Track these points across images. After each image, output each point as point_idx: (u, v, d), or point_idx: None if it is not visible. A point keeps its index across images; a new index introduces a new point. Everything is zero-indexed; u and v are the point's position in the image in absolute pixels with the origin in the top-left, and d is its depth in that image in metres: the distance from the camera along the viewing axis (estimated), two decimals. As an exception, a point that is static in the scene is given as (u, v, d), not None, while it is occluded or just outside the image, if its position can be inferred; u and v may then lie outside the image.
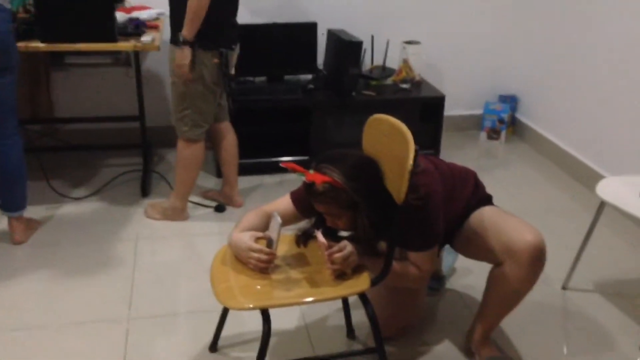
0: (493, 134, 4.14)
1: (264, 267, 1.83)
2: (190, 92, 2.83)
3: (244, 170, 3.42)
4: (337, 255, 1.77)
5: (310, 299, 1.75)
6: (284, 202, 1.99)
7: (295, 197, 1.99)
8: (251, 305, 1.69)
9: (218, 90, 2.89)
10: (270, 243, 1.84)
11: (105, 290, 2.53)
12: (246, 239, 1.85)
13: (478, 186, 2.11)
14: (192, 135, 2.92)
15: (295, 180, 1.95)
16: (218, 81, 2.84)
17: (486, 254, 2.00)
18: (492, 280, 2.03)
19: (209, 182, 3.51)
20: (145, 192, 3.32)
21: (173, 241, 2.93)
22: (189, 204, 3.14)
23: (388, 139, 1.79)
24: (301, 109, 3.57)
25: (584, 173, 3.53)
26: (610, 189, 2.41)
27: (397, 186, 1.72)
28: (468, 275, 2.64)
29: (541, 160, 3.88)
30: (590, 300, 2.53)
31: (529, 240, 1.85)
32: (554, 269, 2.67)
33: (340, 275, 1.82)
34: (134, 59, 3.34)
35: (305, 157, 3.53)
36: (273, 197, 2.23)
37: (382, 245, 1.89)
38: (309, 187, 1.77)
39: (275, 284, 1.79)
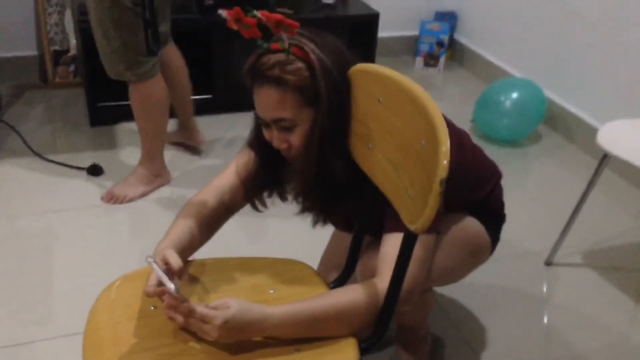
0: (430, 60, 3.50)
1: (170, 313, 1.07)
2: (111, 17, 2.00)
3: (119, 118, 2.69)
4: (197, 326, 1.03)
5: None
6: (230, 167, 1.32)
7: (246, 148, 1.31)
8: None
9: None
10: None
11: None
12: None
13: (491, 195, 1.41)
14: (137, 76, 2.10)
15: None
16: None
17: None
18: None
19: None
20: (-13, 150, 2.45)
21: (35, 222, 2.10)
22: (56, 167, 2.34)
23: (384, 107, 1.06)
24: (199, 32, 2.77)
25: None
26: (616, 137, 1.84)
27: (402, 191, 0.99)
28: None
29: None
30: (578, 276, 2.03)
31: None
32: (535, 241, 2.15)
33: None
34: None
35: (208, 96, 2.76)
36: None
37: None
38: (258, 57, 1.13)
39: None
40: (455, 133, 1.28)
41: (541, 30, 2.96)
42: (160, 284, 1.07)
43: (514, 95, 2.68)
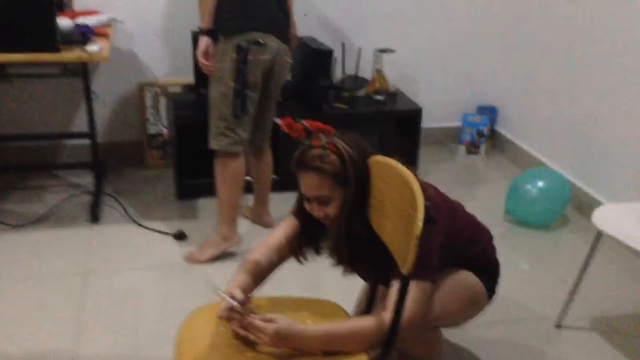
0: (472, 147, 3.92)
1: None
2: (213, 91, 2.52)
3: (202, 193, 3.19)
4: (255, 335, 1.46)
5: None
6: (279, 229, 1.75)
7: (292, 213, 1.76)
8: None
9: (250, 94, 2.50)
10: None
11: (48, 340, 2.21)
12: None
13: (484, 253, 1.80)
14: (218, 145, 2.54)
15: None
16: (249, 82, 2.47)
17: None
18: None
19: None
20: (95, 217, 3.01)
21: (130, 275, 2.61)
22: (148, 233, 2.85)
23: (388, 186, 1.51)
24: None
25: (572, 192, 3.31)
26: (608, 218, 2.19)
27: (399, 247, 1.42)
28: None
29: (523, 176, 3.66)
30: (586, 340, 2.30)
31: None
32: (547, 305, 2.47)
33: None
34: (82, 70, 3.01)
35: (275, 177, 3.25)
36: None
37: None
38: (303, 151, 1.55)
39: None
40: (449, 204, 1.70)
41: (571, 126, 3.33)
42: (229, 310, 1.51)
43: (540, 184, 3.00)
